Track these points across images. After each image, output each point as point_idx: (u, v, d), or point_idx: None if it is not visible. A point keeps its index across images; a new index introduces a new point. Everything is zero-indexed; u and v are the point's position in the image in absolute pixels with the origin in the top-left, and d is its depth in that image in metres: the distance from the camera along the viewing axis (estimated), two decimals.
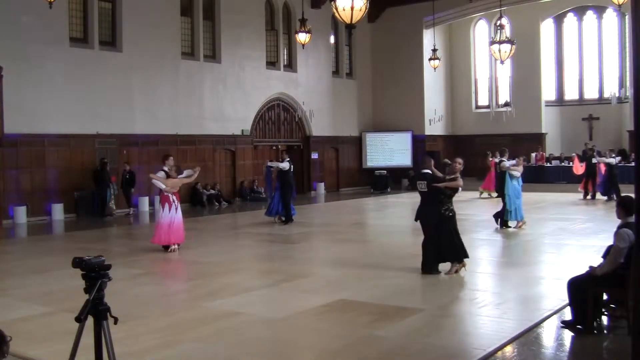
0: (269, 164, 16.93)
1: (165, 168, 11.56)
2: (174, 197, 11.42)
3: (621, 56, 26.86)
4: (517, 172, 13.90)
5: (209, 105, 21.80)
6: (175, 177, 11.58)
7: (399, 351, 5.66)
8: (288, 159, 16.31)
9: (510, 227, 13.79)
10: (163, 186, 11.35)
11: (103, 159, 18.33)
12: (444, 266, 9.08)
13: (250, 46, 23.16)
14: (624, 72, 26.59)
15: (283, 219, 15.83)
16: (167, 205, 11.31)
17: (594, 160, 21.06)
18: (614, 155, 20.88)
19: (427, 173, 9.05)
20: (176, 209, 11.38)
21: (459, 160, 9.37)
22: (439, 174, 9.18)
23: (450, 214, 8.98)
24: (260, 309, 7.40)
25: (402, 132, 27.85)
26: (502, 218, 13.84)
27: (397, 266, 9.87)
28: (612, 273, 5.95)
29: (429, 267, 8.99)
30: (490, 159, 23.03)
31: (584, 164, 21.83)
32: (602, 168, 20.89)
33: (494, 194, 22.41)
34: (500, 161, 14.68)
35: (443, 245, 8.92)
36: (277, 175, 16.16)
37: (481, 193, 22.77)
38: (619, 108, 26.46)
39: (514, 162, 14.29)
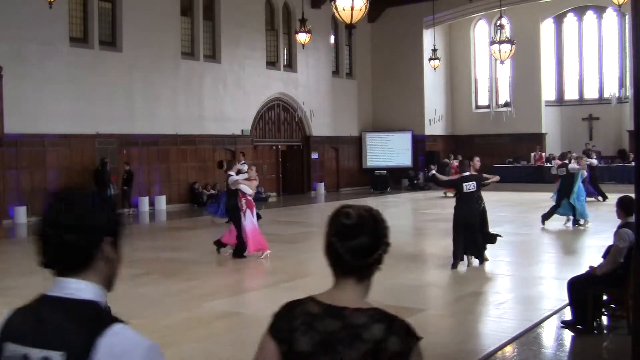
0: (237, 166, 16.73)
1: (233, 172, 11.09)
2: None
3: (621, 56, 26.86)
4: (584, 171, 14.44)
5: (209, 105, 21.80)
6: (255, 178, 11.16)
7: None
8: (243, 162, 16.24)
9: (581, 225, 13.82)
10: (250, 191, 10.81)
11: (103, 159, 18.32)
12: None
13: (250, 46, 23.16)
14: (624, 72, 26.58)
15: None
16: (254, 209, 10.86)
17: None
18: (594, 156, 21.06)
19: (472, 175, 9.82)
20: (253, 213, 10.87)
21: (478, 158, 10.90)
22: (444, 178, 10.11)
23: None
24: (260, 309, 7.39)
25: (402, 132, 27.86)
26: (573, 217, 13.93)
27: (398, 266, 9.87)
28: (612, 273, 5.95)
29: (483, 256, 9.66)
30: (453, 162, 23.26)
31: None
32: None
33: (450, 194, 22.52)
34: (563, 164, 14.75)
35: (480, 240, 9.66)
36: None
37: (446, 193, 22.85)
38: (619, 108, 26.46)
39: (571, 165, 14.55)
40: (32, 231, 1.46)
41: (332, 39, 27.22)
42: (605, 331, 6.30)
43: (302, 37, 17.34)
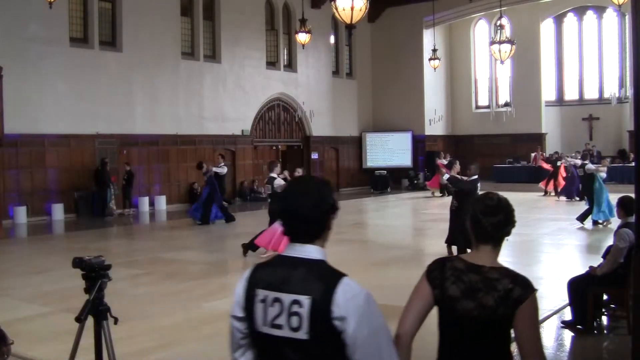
0: (214, 169, 16.67)
1: (274, 174, 10.72)
2: None
3: (621, 56, 26.86)
4: (604, 172, 14.33)
5: (209, 105, 21.79)
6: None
7: None
8: (223, 163, 16.08)
9: (600, 225, 13.79)
10: None
11: (103, 159, 18.33)
12: None
13: (250, 46, 23.16)
14: (624, 72, 26.59)
15: (199, 222, 15.69)
16: None
17: (558, 163, 21.68)
18: (579, 157, 21.32)
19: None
20: None
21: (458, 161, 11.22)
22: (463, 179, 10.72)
23: None
24: None
25: (402, 132, 27.85)
26: (584, 216, 13.96)
27: (398, 266, 9.88)
28: (612, 273, 5.94)
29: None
30: (438, 160, 23.29)
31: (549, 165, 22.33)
32: (562, 171, 21.30)
33: (438, 193, 22.69)
34: (583, 164, 14.93)
35: None
36: (211, 179, 15.89)
37: (433, 193, 23.06)
38: (619, 108, 26.46)
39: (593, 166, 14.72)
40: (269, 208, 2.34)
41: (332, 39, 27.21)
42: (605, 331, 6.30)
43: (302, 37, 17.32)
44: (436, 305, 2.48)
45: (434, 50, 23.52)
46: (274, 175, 10.69)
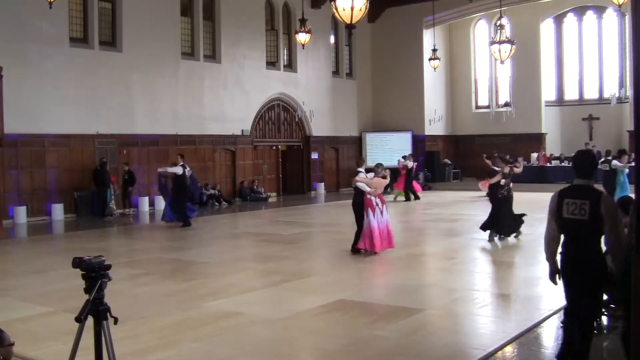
0: (159, 170, 16.44)
1: (362, 169, 10.92)
2: (378, 200, 10.61)
3: (621, 56, 26.86)
4: (625, 169, 15.54)
5: (209, 105, 21.79)
6: (381, 177, 10.85)
7: (399, 351, 5.66)
8: (182, 163, 15.99)
9: None
10: (368, 189, 10.53)
11: (102, 159, 18.33)
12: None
13: (250, 46, 23.16)
14: (624, 72, 26.59)
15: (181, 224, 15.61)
16: (370, 210, 10.48)
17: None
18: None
19: None
20: (381, 212, 10.58)
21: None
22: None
23: None
24: (260, 309, 7.39)
25: (402, 132, 27.85)
26: None
27: (398, 266, 9.88)
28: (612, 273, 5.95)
29: None
30: (401, 161, 22.85)
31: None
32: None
33: (401, 198, 22.15)
34: (606, 160, 16.06)
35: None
36: (173, 180, 15.77)
37: (395, 196, 22.25)
38: (619, 108, 26.46)
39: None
40: None
41: (332, 39, 27.21)
42: (605, 331, 6.30)
43: (302, 37, 17.33)
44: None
45: (434, 50, 23.52)
46: (360, 170, 10.98)
